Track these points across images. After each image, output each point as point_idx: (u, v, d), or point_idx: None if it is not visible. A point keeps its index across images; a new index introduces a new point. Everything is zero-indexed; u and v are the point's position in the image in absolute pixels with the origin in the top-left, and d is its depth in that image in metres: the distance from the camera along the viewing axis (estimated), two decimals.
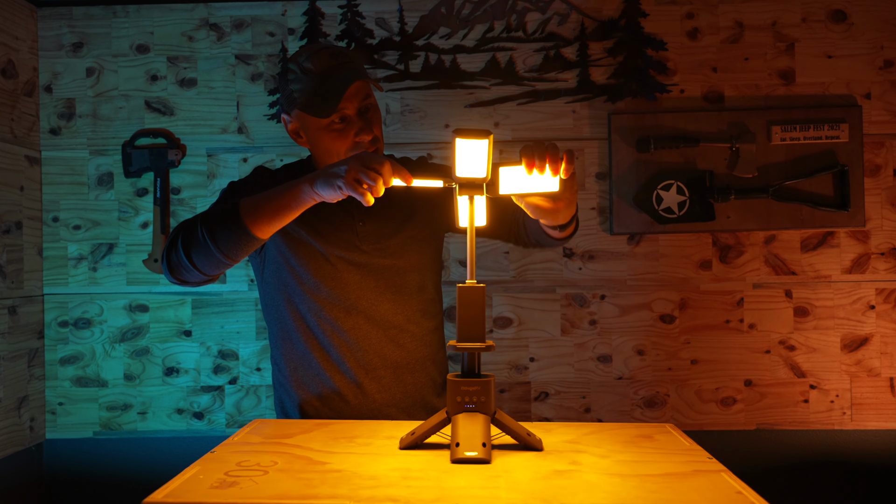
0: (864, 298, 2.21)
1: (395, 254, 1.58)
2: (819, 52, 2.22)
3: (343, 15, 2.26)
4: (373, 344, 1.54)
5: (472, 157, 1.24)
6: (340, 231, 1.55)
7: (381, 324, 1.55)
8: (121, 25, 2.28)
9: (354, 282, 1.54)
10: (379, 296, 1.55)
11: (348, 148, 1.51)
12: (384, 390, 1.56)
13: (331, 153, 1.52)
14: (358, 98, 1.50)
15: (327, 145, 1.52)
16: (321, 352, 1.55)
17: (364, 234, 1.56)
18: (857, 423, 2.20)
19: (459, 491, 1.05)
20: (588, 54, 2.24)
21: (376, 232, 1.57)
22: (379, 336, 1.55)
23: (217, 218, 1.37)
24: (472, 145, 1.23)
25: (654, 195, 2.20)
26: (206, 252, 1.37)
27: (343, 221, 1.56)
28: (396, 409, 1.56)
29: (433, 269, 1.66)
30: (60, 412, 2.27)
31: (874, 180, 2.21)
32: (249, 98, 2.27)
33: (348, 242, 1.55)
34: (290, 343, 1.57)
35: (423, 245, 1.62)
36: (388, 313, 1.56)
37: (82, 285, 2.28)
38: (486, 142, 1.22)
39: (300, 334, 1.55)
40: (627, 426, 1.46)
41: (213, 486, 1.08)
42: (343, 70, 1.49)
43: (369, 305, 1.55)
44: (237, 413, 2.26)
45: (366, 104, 1.52)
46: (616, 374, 2.24)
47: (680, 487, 1.07)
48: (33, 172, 2.25)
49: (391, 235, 1.58)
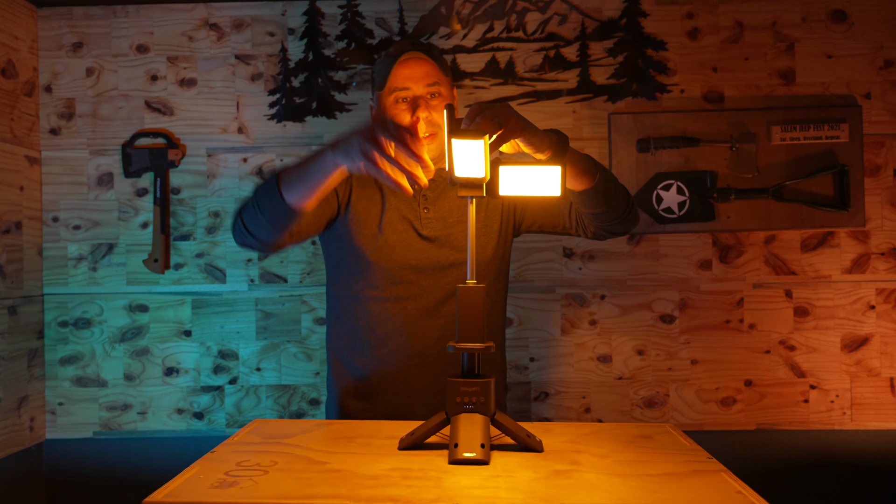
0: (864, 298, 2.21)
1: (454, 244, 1.60)
2: (819, 52, 2.22)
3: (343, 15, 2.26)
4: (426, 332, 1.57)
5: (469, 157, 1.23)
6: (404, 213, 1.60)
7: (435, 314, 1.59)
8: (121, 25, 2.28)
9: (411, 267, 1.58)
10: (434, 283, 1.58)
11: None
12: (424, 378, 1.60)
13: None
14: (423, 82, 1.57)
15: None
16: (371, 332, 1.60)
17: (427, 220, 1.60)
18: (857, 423, 2.20)
19: (459, 491, 1.05)
20: (588, 54, 2.24)
21: (440, 220, 1.61)
22: (431, 324, 1.58)
23: (263, 184, 1.39)
24: (467, 146, 1.22)
25: (654, 195, 2.20)
26: (254, 217, 1.41)
27: (409, 204, 1.61)
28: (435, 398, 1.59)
29: (497, 268, 1.66)
30: (60, 412, 2.27)
31: (874, 180, 2.21)
32: (249, 98, 2.27)
33: (409, 226, 1.59)
34: (339, 322, 1.65)
35: (487, 239, 1.63)
36: (443, 306, 1.59)
37: (82, 285, 2.28)
38: (482, 142, 1.22)
39: (350, 316, 1.63)
40: (627, 426, 1.46)
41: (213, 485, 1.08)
42: (410, 46, 1.59)
43: (424, 294, 1.59)
44: (237, 413, 2.26)
45: (432, 90, 1.58)
46: (616, 374, 2.24)
47: (680, 487, 1.07)
48: (33, 172, 2.25)
49: (455, 224, 1.61)
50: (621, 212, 1.51)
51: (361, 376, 1.63)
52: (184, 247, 2.27)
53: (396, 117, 1.57)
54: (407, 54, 1.58)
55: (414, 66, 1.58)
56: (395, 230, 1.59)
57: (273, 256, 2.26)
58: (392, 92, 1.58)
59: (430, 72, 1.58)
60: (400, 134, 1.22)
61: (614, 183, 1.50)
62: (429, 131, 1.56)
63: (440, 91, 1.59)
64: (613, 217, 1.51)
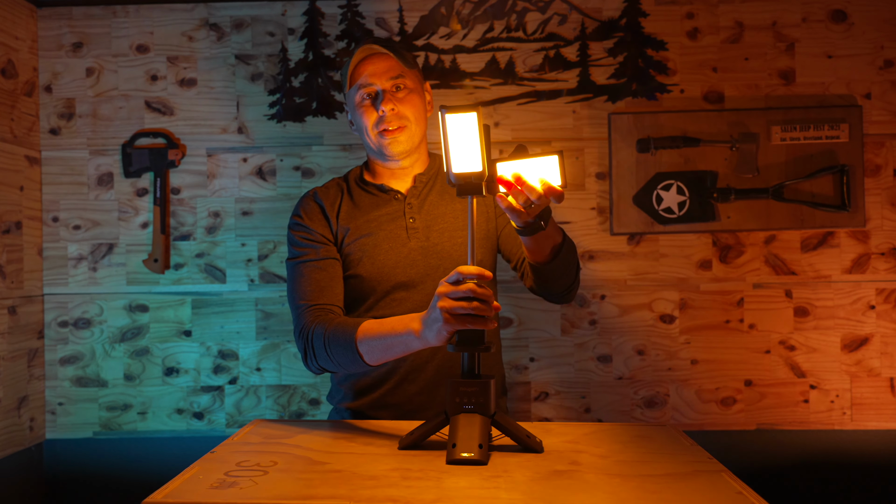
0: (865, 298, 2.21)
1: (441, 254, 1.62)
2: (819, 52, 2.22)
3: (343, 15, 2.25)
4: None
5: (463, 139, 1.23)
6: (390, 227, 1.63)
7: None
8: (121, 25, 2.28)
9: (400, 284, 1.61)
10: (427, 298, 1.60)
11: (374, 122, 1.59)
12: (421, 387, 1.62)
13: (363, 129, 1.62)
14: (386, 76, 1.58)
15: (359, 120, 1.62)
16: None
17: (413, 230, 1.62)
18: (857, 423, 2.20)
19: (459, 491, 1.05)
20: (588, 54, 2.24)
21: (426, 228, 1.63)
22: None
23: (339, 344, 1.44)
24: (460, 120, 1.23)
25: (654, 195, 2.20)
26: (330, 365, 1.49)
27: (395, 217, 1.64)
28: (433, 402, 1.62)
29: None
30: (60, 412, 2.27)
31: (874, 180, 2.21)
32: (249, 98, 2.27)
33: (396, 239, 1.62)
34: None
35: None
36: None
37: (82, 285, 2.28)
38: (474, 115, 1.22)
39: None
40: (627, 426, 1.46)
41: (213, 486, 1.08)
42: (367, 43, 1.61)
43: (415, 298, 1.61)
44: (237, 413, 2.26)
45: (396, 83, 1.59)
46: (616, 374, 2.24)
47: (680, 487, 1.07)
48: (33, 172, 2.25)
49: (442, 231, 1.63)
50: (565, 287, 1.53)
51: (362, 376, 1.63)
52: (184, 247, 2.27)
53: (364, 114, 1.60)
54: (363, 49, 1.60)
55: (375, 62, 1.60)
56: (382, 247, 1.62)
57: (273, 256, 2.26)
58: (357, 90, 1.61)
59: (393, 65, 1.60)
60: (470, 291, 1.22)
61: (574, 264, 1.52)
62: (397, 124, 1.58)
63: (405, 83, 1.60)
64: (558, 288, 1.53)
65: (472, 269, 1.23)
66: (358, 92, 1.60)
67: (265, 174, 2.27)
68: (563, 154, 1.38)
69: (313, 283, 1.55)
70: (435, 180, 1.68)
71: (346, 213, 1.64)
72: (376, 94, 1.59)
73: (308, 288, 1.55)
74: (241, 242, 2.27)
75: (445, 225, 1.62)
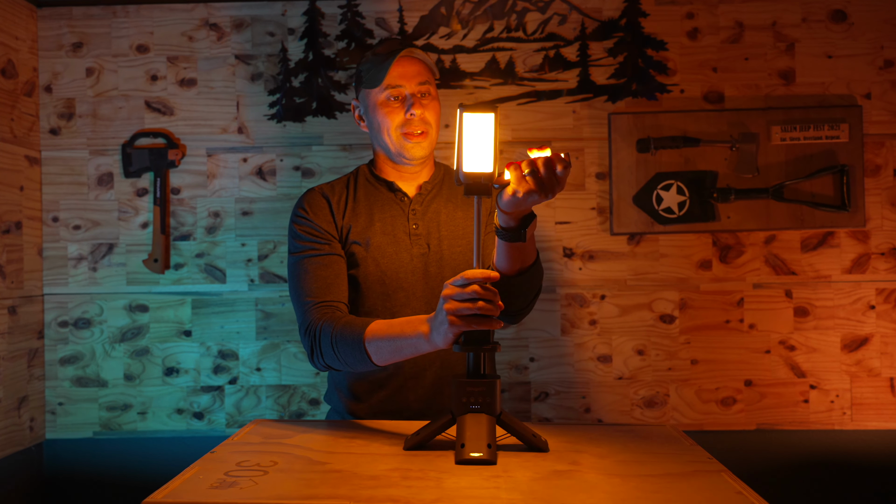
0: (865, 298, 2.21)
1: (443, 261, 1.62)
2: (819, 52, 2.22)
3: (343, 15, 2.25)
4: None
5: (478, 140, 1.24)
6: (393, 231, 1.63)
7: None
8: (121, 25, 2.28)
9: (402, 288, 1.61)
10: (425, 304, 1.61)
11: (399, 124, 1.60)
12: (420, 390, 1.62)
13: (382, 129, 1.62)
14: (415, 80, 1.60)
15: (380, 120, 1.61)
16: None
17: (416, 236, 1.63)
18: (857, 423, 2.20)
19: (460, 491, 1.05)
20: (588, 54, 2.24)
21: (427, 235, 1.63)
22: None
23: (347, 344, 1.44)
24: (478, 121, 1.23)
25: (654, 195, 2.20)
26: (338, 364, 1.49)
27: (398, 220, 1.65)
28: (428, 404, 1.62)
29: None
30: (60, 412, 2.27)
31: (874, 180, 2.21)
32: (249, 98, 2.27)
33: (399, 243, 1.62)
34: None
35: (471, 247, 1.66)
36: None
37: (82, 285, 2.28)
38: (492, 116, 1.23)
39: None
40: (627, 426, 1.46)
41: (213, 486, 1.08)
42: (400, 46, 1.62)
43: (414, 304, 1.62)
44: (237, 413, 2.26)
45: (423, 89, 1.61)
46: (616, 374, 2.24)
47: (680, 487, 1.07)
48: (33, 172, 2.25)
49: (445, 238, 1.64)
50: (518, 308, 1.51)
51: (362, 377, 1.63)
52: (184, 247, 2.27)
53: (388, 115, 1.60)
54: (404, 52, 1.60)
55: (407, 65, 1.61)
56: (384, 250, 1.62)
57: (273, 256, 2.26)
58: (385, 89, 1.60)
59: (422, 71, 1.62)
60: (474, 292, 1.22)
61: (536, 289, 1.50)
62: (421, 129, 1.60)
63: (430, 91, 1.62)
64: (511, 306, 1.48)
65: (478, 272, 1.23)
66: (385, 91, 1.60)
67: (265, 174, 2.27)
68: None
69: (319, 279, 1.55)
70: (440, 188, 1.69)
71: (351, 212, 1.64)
72: (404, 97, 1.60)
73: (314, 284, 1.54)
74: (241, 242, 2.27)
75: (446, 233, 1.63)
